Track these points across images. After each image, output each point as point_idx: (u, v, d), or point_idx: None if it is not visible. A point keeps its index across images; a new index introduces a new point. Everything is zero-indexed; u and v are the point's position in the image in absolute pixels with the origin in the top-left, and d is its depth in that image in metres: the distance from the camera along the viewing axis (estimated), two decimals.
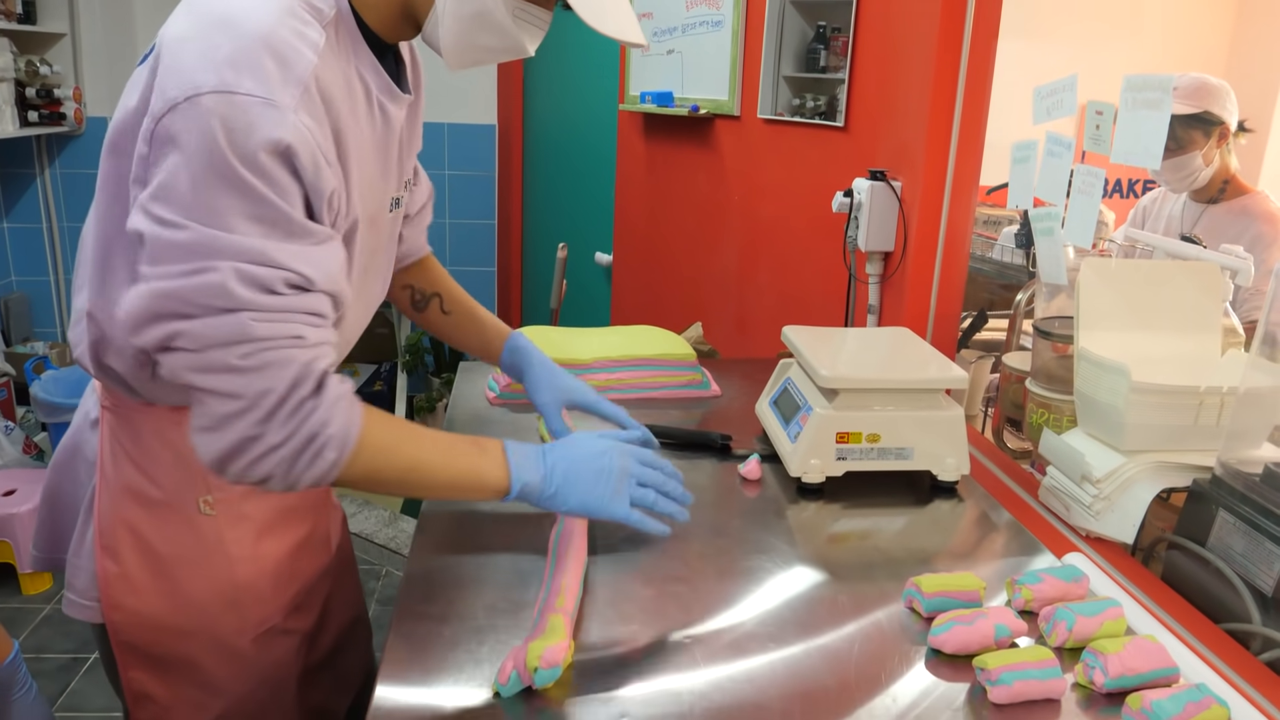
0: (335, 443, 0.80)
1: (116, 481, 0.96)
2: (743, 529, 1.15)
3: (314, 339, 0.80)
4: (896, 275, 1.70)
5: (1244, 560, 1.06)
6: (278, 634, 1.03)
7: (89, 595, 0.98)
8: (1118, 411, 1.16)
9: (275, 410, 0.76)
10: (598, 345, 1.59)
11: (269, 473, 0.78)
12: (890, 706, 0.83)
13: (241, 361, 0.75)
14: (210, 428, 0.77)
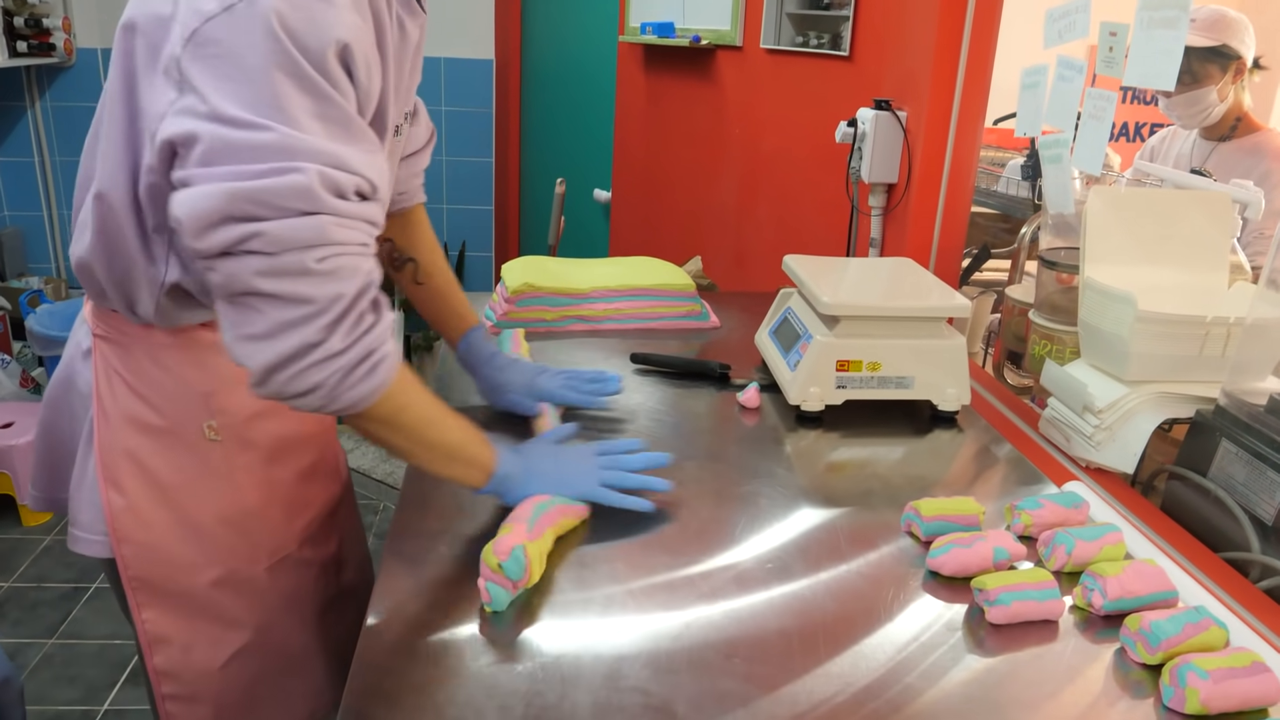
0: (388, 364, 0.79)
1: (115, 411, 0.93)
2: (740, 455, 1.14)
3: (371, 248, 0.79)
4: (899, 208, 1.68)
5: (1245, 490, 1.05)
6: (293, 564, 1.02)
7: (95, 529, 0.95)
8: (1122, 341, 1.15)
9: (343, 316, 0.75)
10: (596, 275, 1.57)
11: (318, 383, 0.75)
12: (888, 629, 0.83)
13: (318, 265, 0.73)
14: (264, 335, 0.74)
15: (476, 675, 0.74)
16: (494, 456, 0.92)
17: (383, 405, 0.81)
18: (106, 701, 2.11)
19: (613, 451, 1.01)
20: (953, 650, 0.80)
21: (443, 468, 0.90)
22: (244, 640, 0.98)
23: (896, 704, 0.74)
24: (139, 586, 0.95)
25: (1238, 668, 0.74)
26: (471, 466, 0.91)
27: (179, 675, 0.97)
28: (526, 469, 0.94)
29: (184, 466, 0.94)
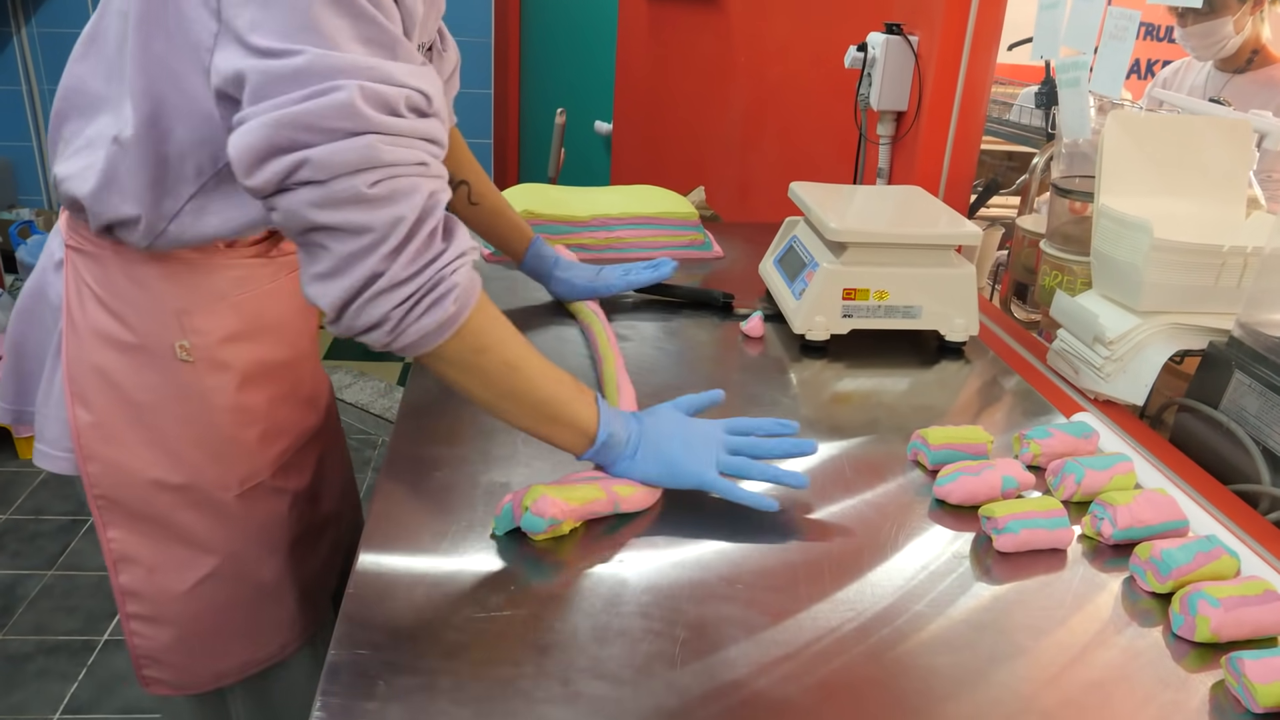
0: (459, 294, 0.73)
1: (84, 325, 0.89)
2: (743, 383, 1.12)
3: (435, 169, 0.74)
4: (909, 136, 1.63)
5: (1257, 421, 1.03)
6: (266, 491, 1.00)
7: (60, 445, 0.93)
8: (1137, 270, 1.12)
9: (406, 242, 0.70)
10: (597, 203, 1.54)
11: (384, 315, 0.71)
12: (894, 558, 0.82)
13: (371, 190, 0.68)
14: (330, 272, 0.70)
15: (475, 602, 0.73)
16: (596, 418, 0.84)
17: (457, 344, 0.76)
18: (107, 631, 2.12)
19: (748, 431, 0.89)
20: (960, 579, 0.79)
21: (534, 424, 0.83)
22: (211, 566, 0.96)
23: (904, 632, 0.72)
24: (105, 505, 0.93)
25: (1250, 596, 0.73)
26: (568, 427, 0.83)
27: (143, 595, 0.95)
28: (637, 438, 0.85)
29: (154, 386, 0.91)
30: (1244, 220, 1.24)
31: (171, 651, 0.98)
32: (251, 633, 1.01)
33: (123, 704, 1.92)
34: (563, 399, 0.82)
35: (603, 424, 0.84)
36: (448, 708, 0.63)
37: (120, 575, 0.95)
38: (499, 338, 0.79)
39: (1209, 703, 0.68)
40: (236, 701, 1.04)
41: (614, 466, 0.85)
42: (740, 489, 0.85)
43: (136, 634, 0.97)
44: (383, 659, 0.67)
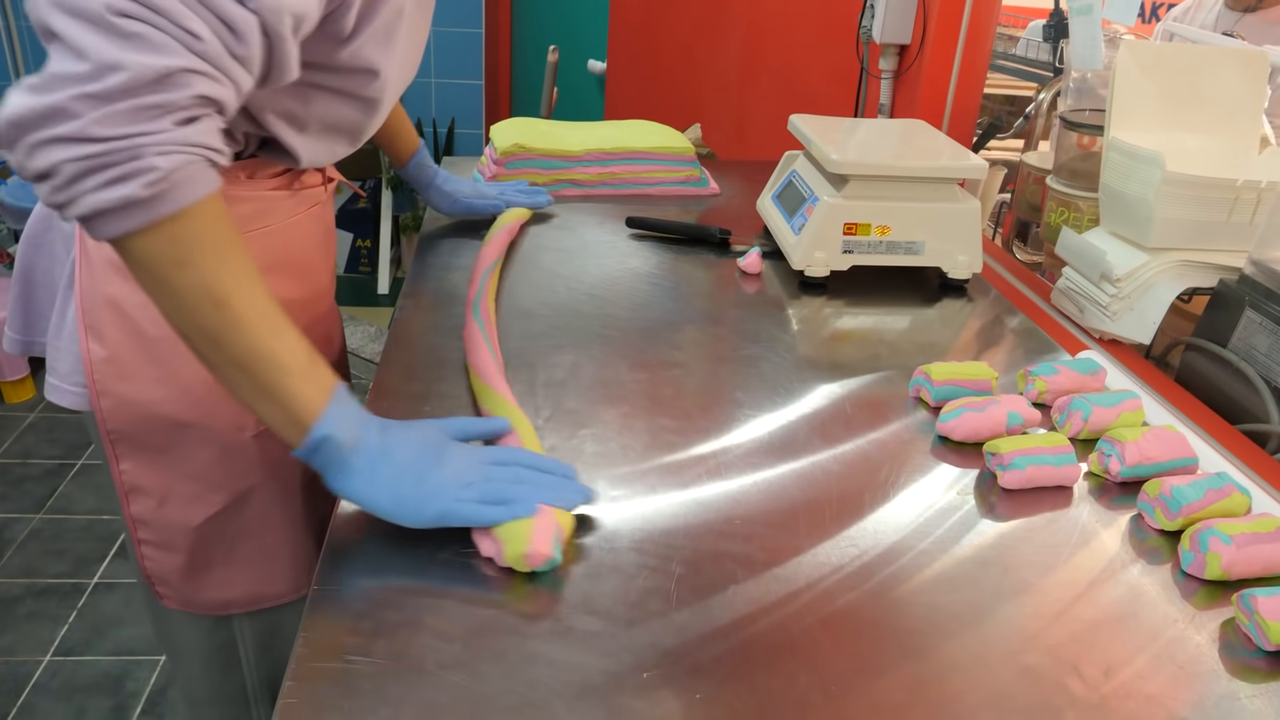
0: (157, 179, 0.59)
1: (99, 255, 0.85)
2: (740, 319, 1.09)
3: (212, 52, 0.62)
4: (912, 70, 1.58)
5: (1267, 360, 1.01)
6: None
7: (73, 380, 0.90)
8: (1147, 205, 1.09)
9: (116, 97, 0.58)
10: (589, 137, 1.49)
11: (55, 165, 0.59)
12: (896, 496, 0.79)
13: (114, 19, 0.58)
14: (35, 85, 0.59)
15: (460, 539, 0.70)
16: (319, 406, 0.66)
17: (151, 244, 0.61)
18: (96, 575, 2.11)
19: (512, 462, 0.72)
20: (964, 516, 0.77)
21: (237, 388, 0.66)
22: (222, 504, 0.94)
23: (907, 569, 0.70)
24: (118, 439, 0.90)
25: (1262, 533, 0.71)
26: (277, 405, 0.66)
27: (153, 524, 0.94)
28: (370, 450, 0.68)
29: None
30: (1257, 155, 1.20)
31: (181, 576, 0.97)
32: (260, 570, 0.99)
33: (114, 646, 1.92)
34: (280, 365, 0.65)
35: (324, 420, 0.66)
36: (434, 643, 0.61)
37: (132, 505, 0.94)
38: (215, 258, 0.63)
39: (1218, 640, 0.66)
40: (245, 632, 1.02)
41: (332, 479, 0.68)
42: (497, 509, 0.67)
43: (147, 558, 0.96)
44: (367, 595, 0.64)
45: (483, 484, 0.69)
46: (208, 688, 1.05)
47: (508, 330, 1.02)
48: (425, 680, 0.58)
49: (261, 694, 1.06)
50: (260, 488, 0.96)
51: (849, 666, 0.61)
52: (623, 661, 0.60)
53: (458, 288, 1.12)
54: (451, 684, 0.58)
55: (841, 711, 0.58)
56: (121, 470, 0.92)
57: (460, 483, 0.68)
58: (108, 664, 1.87)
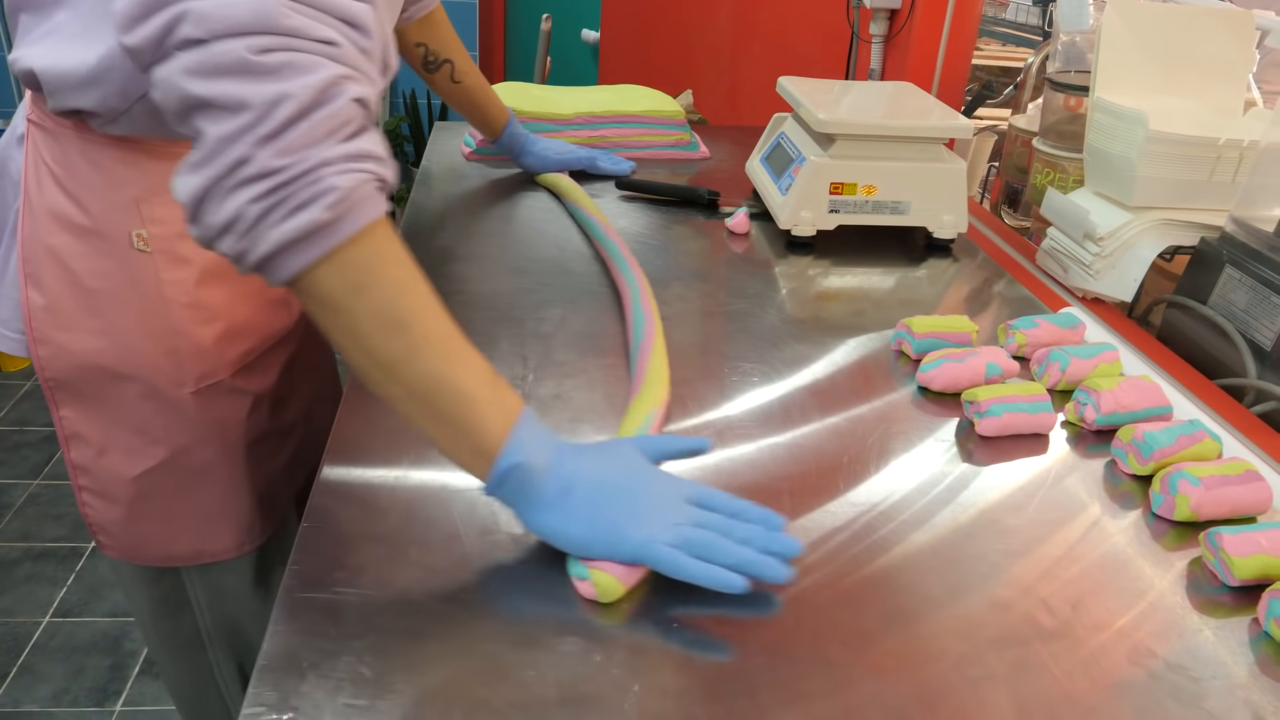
0: (337, 200, 0.57)
1: (40, 204, 0.86)
2: (727, 277, 1.11)
3: (350, 55, 0.60)
4: (902, 35, 1.59)
5: (1245, 316, 1.02)
6: (224, 391, 0.96)
7: (12, 326, 0.91)
8: (1130, 164, 1.10)
9: (285, 127, 0.56)
10: (580, 101, 1.50)
11: (237, 212, 0.57)
12: (873, 442, 0.81)
13: (258, 58, 0.56)
14: (199, 161, 0.57)
15: (464, 478, 0.72)
16: (503, 433, 0.62)
17: (330, 274, 0.59)
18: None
19: (715, 506, 0.66)
20: (941, 462, 0.79)
21: (418, 416, 0.62)
22: (160, 457, 0.94)
23: (887, 512, 0.72)
24: (56, 387, 0.91)
25: (1230, 475, 0.73)
26: (460, 433, 0.62)
27: (93, 472, 0.94)
28: (564, 480, 0.63)
29: (108, 272, 0.87)
30: (1242, 114, 1.21)
31: (120, 526, 0.97)
32: (201, 526, 0.99)
33: (111, 608, 1.94)
34: (462, 392, 0.61)
35: (511, 446, 0.62)
36: (419, 575, 0.62)
37: (71, 451, 0.94)
38: (389, 280, 0.61)
39: (1185, 577, 0.68)
40: (193, 583, 1.03)
41: (522, 511, 0.64)
42: (700, 565, 0.61)
43: (88, 504, 0.96)
44: (354, 531, 0.66)
45: (689, 528, 0.63)
46: (159, 636, 1.06)
47: (499, 287, 1.03)
48: (410, 609, 0.60)
49: (217, 637, 1.07)
50: (200, 445, 0.95)
51: (823, 595, 0.63)
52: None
53: (451, 246, 1.13)
54: (436, 612, 0.60)
55: (816, 637, 0.60)
56: (61, 417, 0.92)
57: (663, 521, 0.63)
58: (105, 625, 1.90)
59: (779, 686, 0.56)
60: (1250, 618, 0.64)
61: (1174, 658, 0.60)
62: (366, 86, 0.61)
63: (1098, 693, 0.57)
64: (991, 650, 0.59)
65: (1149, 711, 0.56)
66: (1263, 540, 0.66)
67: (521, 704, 0.54)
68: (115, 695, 1.75)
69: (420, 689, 0.54)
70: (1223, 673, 0.59)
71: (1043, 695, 0.57)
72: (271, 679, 0.54)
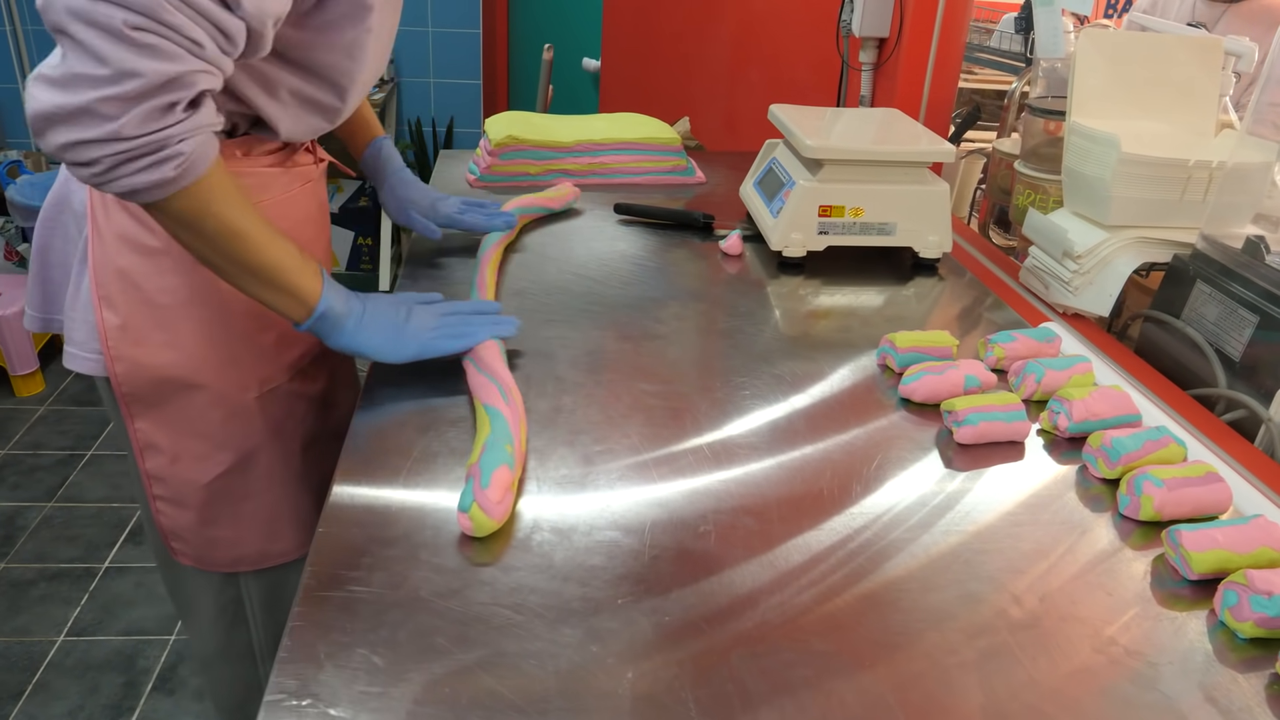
0: (184, 161, 0.74)
1: (109, 230, 0.93)
2: (720, 296, 1.15)
3: (211, 55, 0.74)
4: (890, 62, 1.65)
5: (1216, 329, 1.07)
6: (284, 395, 1.04)
7: (89, 348, 0.98)
8: (1104, 184, 1.15)
9: (138, 99, 0.70)
10: (580, 129, 1.55)
11: (92, 159, 0.71)
12: (855, 450, 0.85)
13: (129, 31, 0.68)
14: (58, 80, 0.69)
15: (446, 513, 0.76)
16: (318, 289, 0.86)
17: (178, 203, 0.77)
18: (107, 560, 2.17)
19: (453, 310, 0.95)
20: (920, 468, 0.83)
21: (255, 289, 0.84)
22: (229, 462, 1.01)
23: (865, 512, 0.76)
24: (132, 401, 0.98)
25: (1192, 477, 0.77)
26: (287, 294, 0.85)
27: (167, 480, 1.01)
28: (357, 314, 0.89)
29: (176, 288, 0.95)
30: (1212, 137, 1.26)
31: (193, 531, 1.04)
32: (266, 528, 1.06)
33: (125, 626, 1.98)
34: (285, 267, 0.84)
35: (324, 296, 0.86)
36: (429, 575, 0.67)
37: (146, 461, 1.01)
38: (228, 202, 0.80)
39: (1150, 573, 0.72)
40: (251, 591, 1.09)
41: (333, 338, 0.88)
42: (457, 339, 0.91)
43: (162, 513, 1.03)
44: (368, 534, 0.70)
45: (443, 327, 0.91)
46: (216, 644, 1.12)
47: (500, 306, 1.08)
48: (421, 606, 0.64)
49: (268, 651, 1.12)
50: (264, 449, 1.03)
51: (802, 590, 0.67)
52: (603, 592, 0.66)
53: (453, 271, 1.18)
54: (444, 609, 0.64)
55: (794, 625, 0.64)
56: (136, 429, 0.99)
57: (426, 328, 0.91)
58: (119, 643, 1.94)
59: (764, 674, 0.60)
60: (1208, 609, 0.68)
61: (1134, 645, 0.64)
62: (216, 79, 0.76)
63: (1061, 677, 0.61)
64: (963, 639, 0.64)
65: (1108, 694, 0.60)
66: (1219, 536, 0.70)
67: (524, 690, 0.58)
68: (129, 712, 1.79)
69: (430, 677, 0.58)
70: (1179, 659, 0.64)
71: (1009, 680, 0.61)
72: (292, 669, 0.59)
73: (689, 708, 0.57)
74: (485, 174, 1.48)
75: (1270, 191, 1.13)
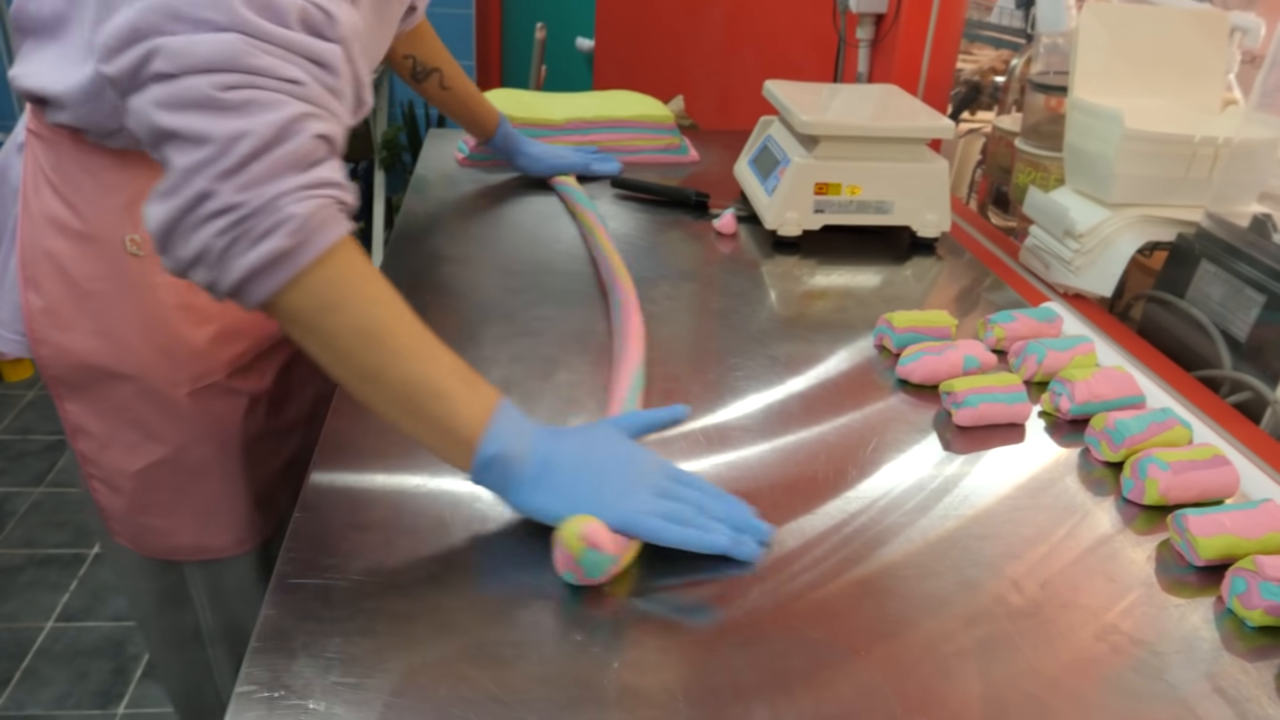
0: (296, 227, 0.60)
1: (38, 210, 0.89)
2: (713, 276, 1.13)
3: (315, 94, 0.63)
4: (888, 39, 1.61)
5: (1221, 309, 1.04)
6: (221, 392, 0.98)
7: (13, 328, 0.93)
8: (1107, 161, 1.12)
9: (246, 163, 0.59)
10: (571, 106, 1.52)
11: (204, 246, 0.59)
12: (852, 433, 0.83)
13: (222, 94, 0.59)
14: (166, 190, 0.60)
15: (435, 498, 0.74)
16: (483, 427, 0.65)
17: (299, 296, 0.62)
18: (96, 545, 2.15)
19: (691, 484, 0.70)
20: (918, 451, 0.81)
21: (401, 417, 0.65)
22: (160, 454, 0.96)
23: (862, 495, 0.74)
24: (58, 383, 0.93)
25: (1198, 460, 0.75)
26: (440, 430, 0.65)
27: (98, 463, 0.96)
28: (542, 458, 0.66)
29: (102, 276, 0.90)
30: (1218, 112, 1.24)
31: (125, 515, 0.99)
32: (202, 522, 1.01)
33: (114, 612, 1.96)
34: (438, 391, 0.65)
35: (489, 437, 0.65)
36: (408, 562, 0.64)
37: (78, 442, 0.96)
38: (358, 296, 0.64)
39: (1154, 559, 0.70)
40: (195, 580, 1.05)
41: (508, 495, 0.67)
42: (683, 530, 0.65)
43: (97, 491, 0.99)
44: (346, 521, 0.68)
45: (669, 501, 0.67)
46: (161, 629, 1.08)
47: (490, 286, 1.06)
48: (398, 594, 0.62)
49: (217, 635, 1.09)
50: (198, 443, 0.97)
51: (795, 576, 0.65)
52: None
53: (443, 249, 1.15)
54: (423, 596, 0.62)
55: (787, 612, 0.62)
56: (66, 410, 0.95)
57: (644, 494, 0.67)
58: (108, 629, 1.91)
59: (755, 664, 0.58)
60: (1215, 596, 0.66)
61: (1138, 634, 0.62)
62: (331, 123, 0.64)
63: (1062, 666, 0.59)
64: (960, 627, 0.61)
65: (1110, 683, 0.58)
66: (1227, 521, 0.68)
67: (505, 681, 0.56)
68: (118, 698, 1.77)
69: (408, 668, 0.56)
70: (1185, 647, 0.61)
71: (1009, 669, 0.59)
72: (263, 659, 0.56)
73: (677, 699, 0.55)
74: (474, 152, 1.45)
75: (1278, 169, 1.11)
